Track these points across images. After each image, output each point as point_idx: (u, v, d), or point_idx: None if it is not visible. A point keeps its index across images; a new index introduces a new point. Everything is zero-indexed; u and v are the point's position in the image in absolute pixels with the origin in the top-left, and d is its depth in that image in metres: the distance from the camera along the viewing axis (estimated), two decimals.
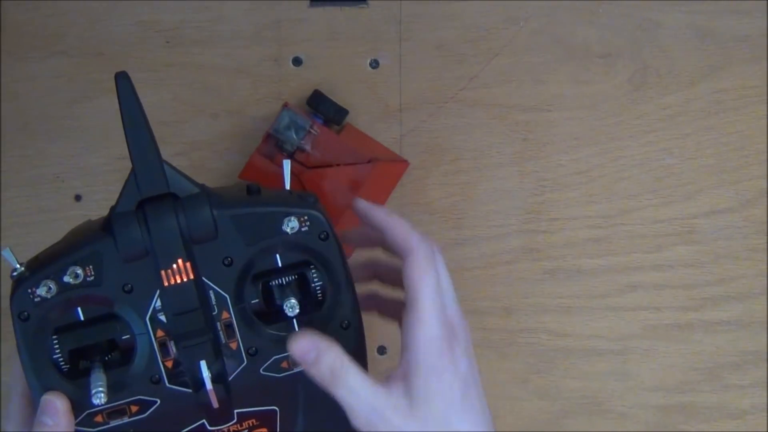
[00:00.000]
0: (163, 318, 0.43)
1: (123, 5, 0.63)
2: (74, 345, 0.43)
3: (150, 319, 0.43)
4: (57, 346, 0.43)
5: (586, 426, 0.64)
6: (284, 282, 0.45)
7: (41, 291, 0.42)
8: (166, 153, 0.62)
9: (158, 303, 0.43)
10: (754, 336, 0.63)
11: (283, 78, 0.63)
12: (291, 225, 0.43)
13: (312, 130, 0.58)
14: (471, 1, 0.63)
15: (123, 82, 0.40)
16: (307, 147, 0.58)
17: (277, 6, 0.63)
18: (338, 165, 0.59)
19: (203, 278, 0.43)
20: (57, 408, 0.42)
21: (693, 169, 0.63)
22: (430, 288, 0.43)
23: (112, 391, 0.42)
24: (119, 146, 0.63)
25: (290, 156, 0.59)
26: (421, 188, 0.64)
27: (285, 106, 0.58)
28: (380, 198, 0.63)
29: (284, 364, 0.45)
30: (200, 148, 0.63)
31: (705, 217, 0.63)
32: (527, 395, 0.64)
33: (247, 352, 0.44)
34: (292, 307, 0.43)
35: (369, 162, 0.59)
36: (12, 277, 0.43)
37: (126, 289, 0.42)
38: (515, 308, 0.64)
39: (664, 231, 0.63)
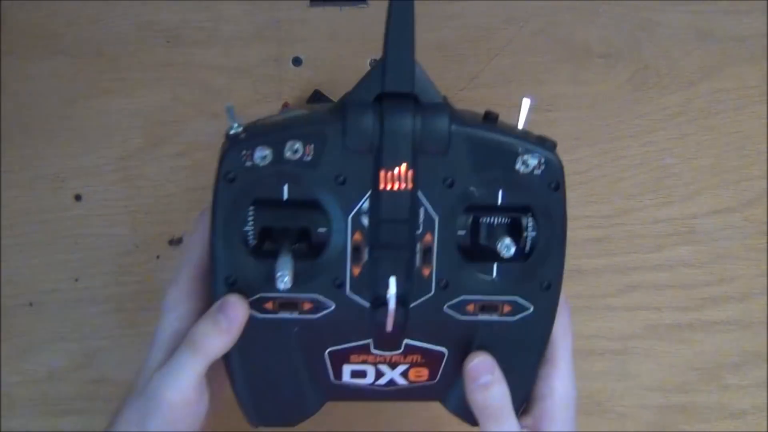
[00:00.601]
0: (365, 221, 0.40)
1: (123, 5, 0.63)
2: (269, 223, 0.41)
3: (352, 218, 0.40)
4: (252, 218, 0.41)
5: (585, 426, 0.64)
6: (497, 222, 0.42)
7: (257, 157, 0.39)
8: (166, 153, 0.63)
9: (366, 205, 0.40)
10: (754, 336, 0.63)
11: (283, 78, 0.63)
12: (526, 164, 0.40)
13: None
14: (471, 2, 0.63)
15: None
16: None
17: (277, 6, 0.63)
18: None
19: (419, 192, 0.40)
20: (237, 316, 0.41)
21: (693, 169, 0.63)
22: (569, 349, 0.45)
23: (293, 282, 0.40)
24: (119, 146, 0.63)
25: None
26: None
27: (285, 105, 0.58)
28: None
29: (470, 307, 0.42)
30: (200, 148, 0.63)
31: (705, 217, 0.63)
32: None
33: (437, 283, 0.41)
34: (507, 247, 0.40)
35: None
36: (227, 134, 0.40)
37: (339, 180, 0.39)
38: None
39: (664, 231, 0.63)
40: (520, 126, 0.43)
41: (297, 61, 0.63)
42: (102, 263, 0.63)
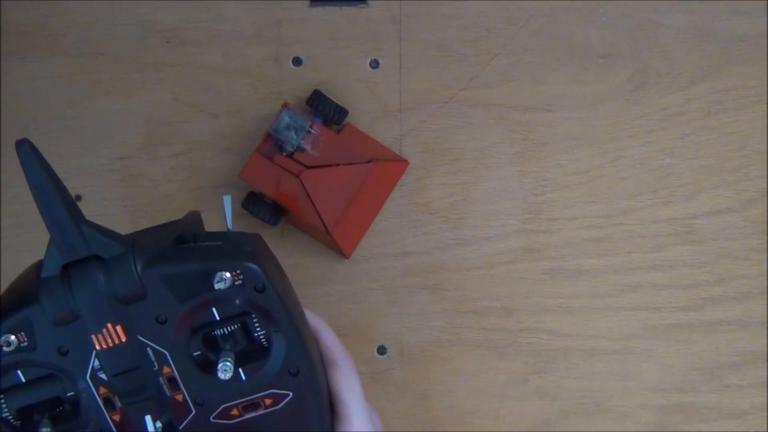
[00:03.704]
0: (103, 376, 0.42)
1: (123, 5, 0.63)
2: (20, 404, 0.43)
3: (90, 378, 0.42)
4: (4, 405, 0.43)
5: (585, 426, 0.64)
6: (227, 331, 0.43)
7: None
8: (166, 153, 0.63)
9: (96, 363, 0.42)
10: (754, 336, 0.63)
11: (283, 78, 0.63)
12: (223, 280, 0.41)
13: (312, 130, 0.58)
14: (471, 1, 0.63)
15: (24, 149, 0.40)
16: (307, 147, 0.58)
17: (277, 6, 0.63)
18: (338, 165, 0.59)
19: (139, 336, 0.41)
20: None
21: (693, 169, 0.63)
22: (357, 398, 0.46)
23: None
24: (119, 146, 0.63)
25: (290, 155, 0.59)
26: (421, 188, 0.64)
27: (285, 105, 0.58)
28: (380, 198, 0.63)
29: (234, 412, 0.44)
30: (200, 148, 0.63)
31: (705, 217, 0.63)
32: (527, 395, 0.64)
33: (194, 403, 0.43)
34: (225, 370, 0.42)
35: (369, 162, 0.59)
36: None
37: (62, 351, 0.41)
38: (515, 308, 0.64)
39: (664, 231, 0.63)
40: (229, 225, 0.44)
41: (297, 61, 0.63)
42: None
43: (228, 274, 0.41)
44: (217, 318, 0.42)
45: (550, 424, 0.64)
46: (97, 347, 0.41)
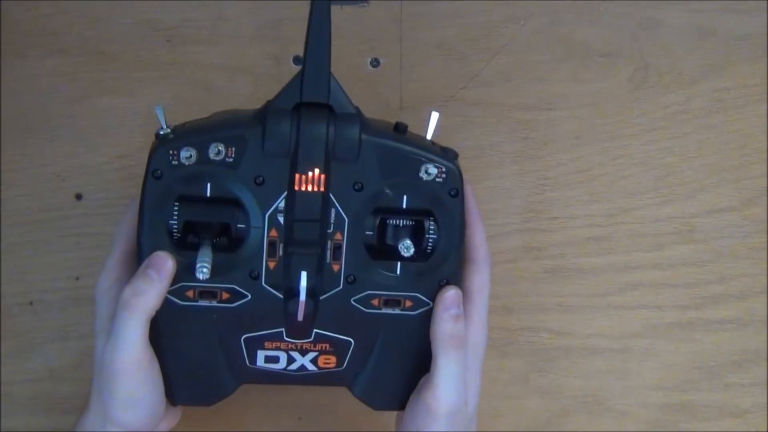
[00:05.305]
0: (281, 219, 0.44)
1: (123, 4, 0.63)
2: (192, 217, 0.45)
3: (269, 216, 0.44)
4: (176, 213, 0.44)
5: (586, 425, 0.64)
6: (401, 224, 0.46)
7: (182, 156, 0.44)
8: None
9: (281, 204, 0.44)
10: (755, 335, 0.63)
11: (284, 77, 0.63)
12: (428, 172, 0.45)
13: None
14: (472, 0, 0.63)
15: (320, 7, 0.42)
16: None
17: (278, 5, 0.63)
18: None
19: (331, 195, 0.44)
20: (166, 266, 0.44)
21: (694, 167, 0.63)
22: (485, 301, 0.50)
23: (212, 273, 0.44)
24: (120, 145, 0.63)
25: None
26: None
27: None
28: None
29: (375, 301, 0.46)
30: None
31: (706, 215, 0.63)
32: (528, 394, 0.64)
33: (345, 278, 0.45)
34: (407, 248, 0.44)
35: None
36: (157, 135, 0.44)
37: (258, 181, 0.44)
38: (516, 307, 0.64)
39: (664, 230, 0.63)
40: (429, 137, 0.47)
41: (298, 60, 0.63)
42: (103, 262, 0.63)
43: (435, 169, 0.45)
44: (404, 206, 0.45)
45: (551, 422, 0.64)
46: (297, 187, 0.43)
